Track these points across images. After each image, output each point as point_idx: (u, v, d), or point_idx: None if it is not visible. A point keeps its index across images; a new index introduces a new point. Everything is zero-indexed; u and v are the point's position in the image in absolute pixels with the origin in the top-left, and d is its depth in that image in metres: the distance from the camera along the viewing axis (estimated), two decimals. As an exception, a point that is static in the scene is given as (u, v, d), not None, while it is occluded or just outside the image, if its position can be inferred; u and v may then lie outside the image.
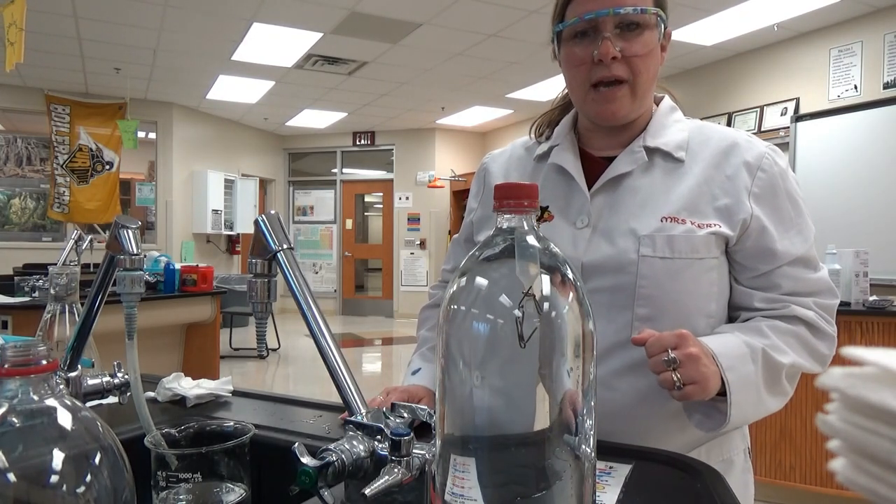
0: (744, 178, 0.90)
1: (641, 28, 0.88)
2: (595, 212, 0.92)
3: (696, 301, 0.89)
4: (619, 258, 0.88)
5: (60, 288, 0.95)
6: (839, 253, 2.96)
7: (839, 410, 0.30)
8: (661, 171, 0.93)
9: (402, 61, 6.40)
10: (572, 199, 0.95)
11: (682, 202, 0.89)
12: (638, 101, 0.91)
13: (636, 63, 0.88)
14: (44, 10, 4.97)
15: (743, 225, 0.89)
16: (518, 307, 0.44)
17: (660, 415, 0.89)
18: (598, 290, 0.89)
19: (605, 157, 0.96)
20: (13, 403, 0.45)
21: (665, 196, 0.90)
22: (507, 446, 0.45)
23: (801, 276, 0.91)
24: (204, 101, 8.05)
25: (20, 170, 7.60)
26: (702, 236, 0.88)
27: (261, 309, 0.78)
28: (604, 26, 0.87)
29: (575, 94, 0.95)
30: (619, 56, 0.87)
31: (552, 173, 0.99)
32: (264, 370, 6.22)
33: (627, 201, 0.91)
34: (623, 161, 0.93)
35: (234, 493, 0.67)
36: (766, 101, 5.75)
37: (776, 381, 0.86)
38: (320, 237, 10.47)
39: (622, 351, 0.87)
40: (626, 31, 0.87)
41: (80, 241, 3.37)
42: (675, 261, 0.87)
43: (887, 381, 0.28)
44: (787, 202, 0.91)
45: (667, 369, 0.76)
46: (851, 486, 0.30)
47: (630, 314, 0.87)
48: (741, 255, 0.91)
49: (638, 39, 0.88)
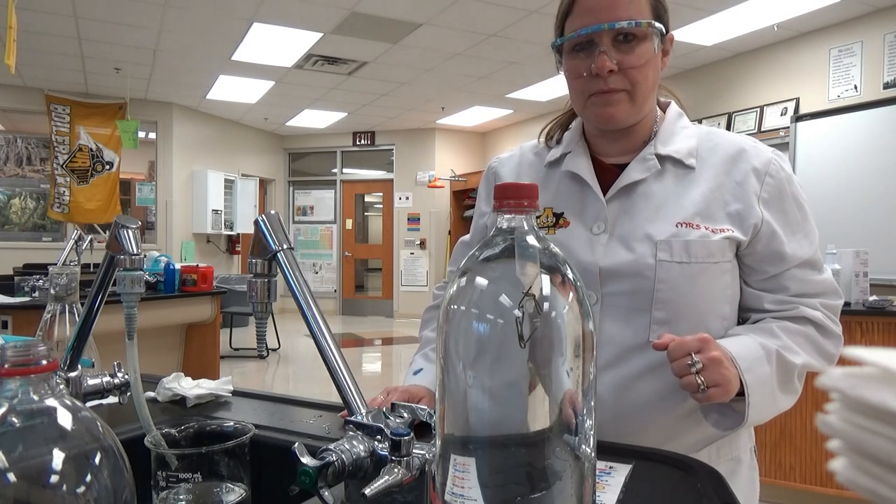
0: (753, 183, 0.92)
1: (638, 40, 0.89)
2: (611, 218, 0.94)
3: (711, 304, 0.92)
4: (637, 263, 0.90)
5: (60, 288, 0.95)
6: (839, 253, 2.96)
7: (839, 410, 0.30)
8: (673, 177, 0.94)
9: (402, 61, 6.39)
10: (587, 205, 0.96)
11: (696, 208, 0.91)
12: (637, 107, 0.92)
13: (633, 74, 0.89)
14: (44, 10, 4.97)
15: (754, 229, 0.91)
16: (518, 307, 0.44)
17: (676, 414, 0.91)
18: (616, 294, 0.91)
19: (615, 164, 0.98)
20: (13, 403, 0.45)
21: (678, 202, 0.92)
22: (507, 446, 0.45)
23: (809, 278, 0.94)
24: (204, 101, 8.05)
25: (20, 170, 7.60)
26: (717, 241, 0.90)
27: (261, 309, 0.78)
28: (600, 40, 0.88)
29: (576, 103, 0.97)
30: (615, 69, 0.88)
31: (566, 180, 1.00)
32: (264, 370, 6.22)
33: (642, 207, 0.93)
34: (636, 168, 0.95)
35: (234, 493, 0.67)
36: (766, 101, 5.75)
37: (789, 381, 0.89)
38: (320, 237, 10.47)
39: (640, 353, 0.90)
40: (622, 44, 0.89)
41: (80, 241, 3.37)
42: (692, 265, 0.89)
43: (887, 381, 0.28)
44: (794, 206, 0.94)
45: (690, 373, 0.79)
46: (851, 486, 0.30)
47: (648, 317, 0.90)
48: (751, 258, 0.93)
49: (634, 52, 0.89)
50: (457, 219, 9.73)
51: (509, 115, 8.92)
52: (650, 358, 0.88)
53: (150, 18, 5.20)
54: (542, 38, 5.62)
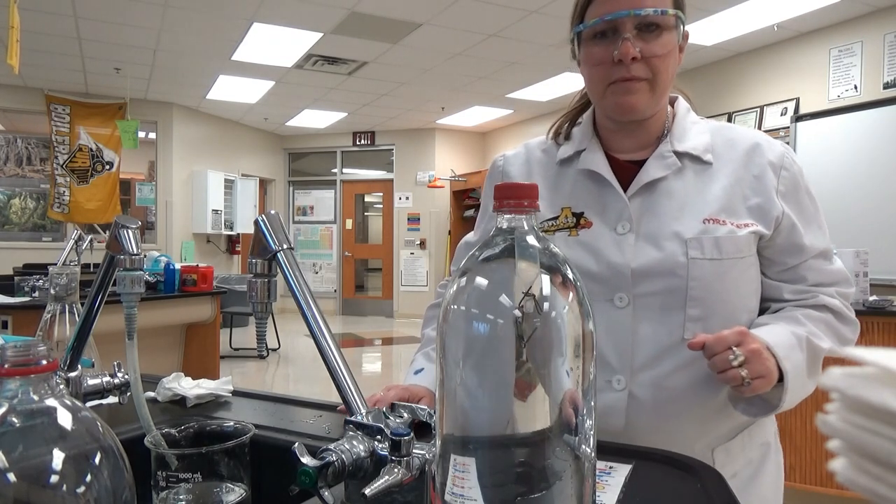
0: (770, 177, 0.93)
1: (661, 29, 0.89)
2: (634, 216, 0.93)
3: (741, 298, 0.93)
4: (668, 262, 0.90)
5: (60, 288, 0.95)
6: (839, 253, 2.95)
7: (839, 410, 0.30)
8: (692, 173, 0.94)
9: (402, 61, 6.39)
10: (608, 204, 0.95)
11: (719, 204, 0.92)
12: (656, 98, 0.92)
13: (655, 63, 0.89)
14: (44, 10, 4.97)
15: (776, 222, 0.92)
16: (518, 307, 0.44)
17: (710, 408, 0.92)
18: (649, 295, 0.91)
19: (629, 161, 0.97)
20: (13, 403, 0.45)
21: (701, 198, 0.92)
22: (507, 446, 0.45)
23: (824, 268, 0.96)
24: (204, 101, 8.05)
25: (20, 170, 7.60)
26: (744, 236, 0.91)
27: (261, 309, 0.77)
28: (623, 27, 0.88)
29: (594, 92, 0.95)
30: (638, 56, 0.88)
31: (582, 178, 0.99)
32: (264, 370, 6.22)
33: (665, 205, 0.93)
34: (655, 166, 0.94)
35: (234, 493, 0.68)
36: (766, 101, 5.75)
37: (816, 366, 0.91)
38: (320, 237, 10.47)
39: (675, 352, 0.90)
40: (645, 33, 0.88)
41: (80, 241, 3.37)
42: (723, 262, 0.90)
43: (887, 381, 0.28)
44: (808, 199, 0.96)
45: (731, 367, 0.80)
46: (851, 487, 0.30)
47: (682, 316, 0.90)
48: (771, 250, 0.95)
49: (657, 41, 0.89)
50: (457, 219, 9.73)
51: (509, 115, 8.92)
52: (683, 356, 0.89)
53: (150, 18, 5.20)
54: (542, 38, 5.62)
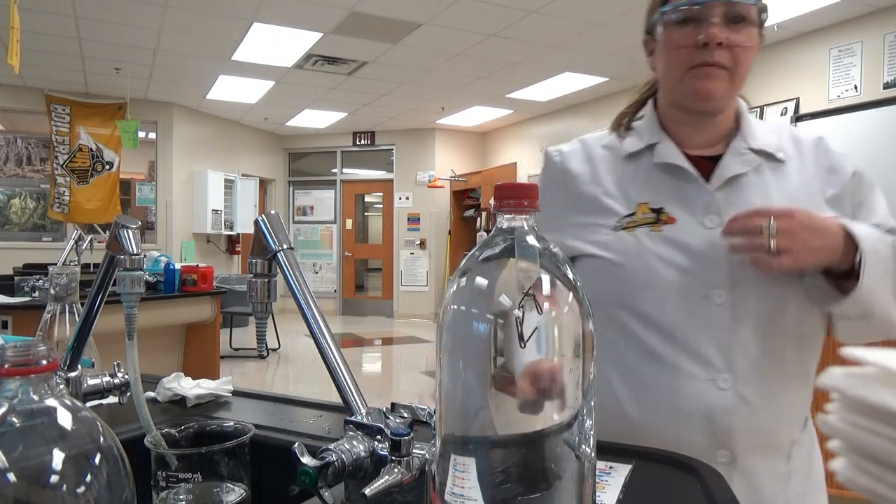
0: (839, 169, 0.95)
1: (746, 22, 0.89)
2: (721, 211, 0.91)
3: None
4: None
5: (60, 288, 0.95)
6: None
7: (839, 410, 0.30)
8: (769, 170, 0.95)
9: (402, 61, 6.39)
10: (691, 198, 0.93)
11: (802, 199, 0.92)
12: (733, 89, 0.92)
13: (738, 53, 0.89)
14: (44, 10, 4.97)
15: (853, 210, 0.93)
16: (518, 307, 0.44)
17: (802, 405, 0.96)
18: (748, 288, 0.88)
19: (701, 157, 0.96)
20: (13, 403, 0.45)
21: (785, 193, 0.93)
22: (507, 446, 0.45)
23: None
24: (204, 101, 8.05)
25: (20, 170, 7.60)
26: None
27: (261, 309, 0.77)
28: (711, 13, 0.88)
29: (672, 77, 0.94)
30: (724, 42, 0.88)
31: (658, 173, 0.96)
32: (264, 370, 6.23)
33: (753, 199, 0.91)
34: (735, 161, 0.94)
35: (234, 493, 0.67)
36: (766, 101, 5.74)
37: None
38: (320, 237, 10.47)
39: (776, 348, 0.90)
40: (730, 23, 0.89)
41: (80, 241, 3.37)
42: None
43: (887, 381, 0.28)
44: (869, 187, 0.97)
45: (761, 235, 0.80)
46: (851, 486, 0.30)
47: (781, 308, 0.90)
48: None
49: (742, 32, 0.89)
50: (457, 219, 9.73)
51: (509, 115, 8.92)
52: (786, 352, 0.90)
53: (150, 18, 5.20)
54: (542, 38, 5.62)
